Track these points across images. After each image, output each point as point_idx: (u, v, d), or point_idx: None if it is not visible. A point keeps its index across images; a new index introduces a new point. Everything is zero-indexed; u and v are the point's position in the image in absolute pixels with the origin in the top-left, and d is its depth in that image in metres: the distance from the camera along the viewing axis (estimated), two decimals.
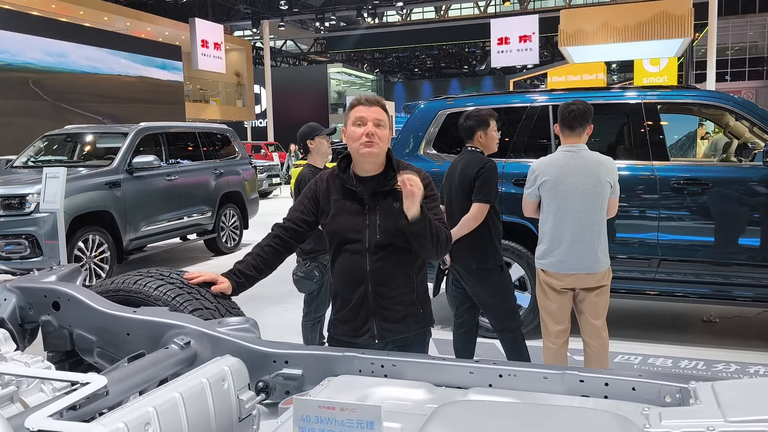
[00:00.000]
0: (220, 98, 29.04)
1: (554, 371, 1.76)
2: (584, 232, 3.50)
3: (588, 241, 3.50)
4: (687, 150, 11.69)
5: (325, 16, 29.94)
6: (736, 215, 4.72)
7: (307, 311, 4.39)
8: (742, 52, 35.05)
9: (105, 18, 21.38)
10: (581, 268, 3.53)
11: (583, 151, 3.55)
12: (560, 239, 3.55)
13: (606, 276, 3.60)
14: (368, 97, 2.40)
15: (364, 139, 2.31)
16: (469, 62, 46.52)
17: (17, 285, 2.31)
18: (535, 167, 3.65)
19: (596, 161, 3.52)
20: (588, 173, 3.49)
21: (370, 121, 2.32)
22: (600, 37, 16.86)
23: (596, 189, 3.48)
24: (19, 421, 1.40)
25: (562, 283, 3.59)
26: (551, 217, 3.58)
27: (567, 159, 3.54)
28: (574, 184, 3.49)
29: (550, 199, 3.57)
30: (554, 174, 3.54)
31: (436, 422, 1.38)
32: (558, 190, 3.53)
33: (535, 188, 3.63)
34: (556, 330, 3.69)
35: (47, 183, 5.91)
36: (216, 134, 9.76)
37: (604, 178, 3.49)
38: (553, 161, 3.59)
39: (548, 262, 3.62)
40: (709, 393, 1.46)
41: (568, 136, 3.58)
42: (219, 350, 1.98)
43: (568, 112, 3.55)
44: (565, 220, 3.52)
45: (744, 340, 5.08)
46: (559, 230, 3.54)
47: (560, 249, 3.55)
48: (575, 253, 3.51)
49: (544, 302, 3.72)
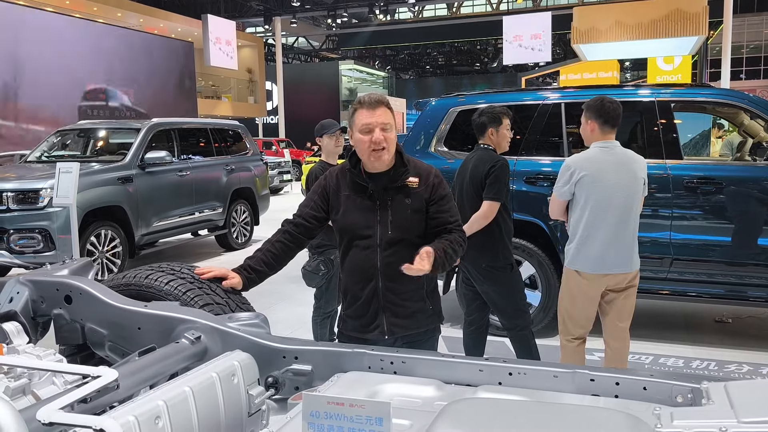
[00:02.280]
0: (231, 95, 29.11)
1: (564, 370, 1.75)
2: (620, 229, 3.41)
3: (625, 239, 3.43)
4: (701, 149, 11.59)
5: (336, 13, 29.92)
6: (750, 215, 4.67)
7: (317, 306, 4.40)
8: (758, 51, 34.66)
9: (118, 14, 21.50)
10: (618, 267, 3.44)
11: (618, 147, 3.48)
12: (596, 237, 3.43)
13: (636, 276, 3.54)
14: (371, 99, 2.34)
15: (372, 147, 2.31)
16: (481, 59, 46.37)
17: (30, 278, 2.32)
18: (570, 163, 3.50)
19: (631, 158, 3.46)
20: (625, 169, 3.42)
21: (377, 127, 2.30)
22: (613, 34, 16.75)
23: (634, 185, 3.42)
24: (31, 414, 1.40)
25: (596, 284, 3.47)
26: (587, 213, 3.44)
27: (604, 155, 3.44)
28: (613, 180, 3.40)
29: (587, 195, 3.43)
30: (593, 169, 3.42)
31: (445, 419, 1.37)
32: (597, 185, 3.41)
33: (571, 185, 3.47)
34: (577, 333, 3.62)
35: (60, 178, 5.95)
36: (227, 130, 9.79)
37: (639, 175, 3.44)
38: (590, 157, 3.47)
39: (582, 263, 3.47)
40: (721, 393, 1.45)
41: (607, 133, 3.47)
42: (229, 345, 1.99)
43: (612, 109, 3.44)
44: (603, 216, 3.40)
45: (757, 341, 5.04)
46: (595, 227, 3.42)
47: (595, 247, 3.43)
48: (611, 251, 3.41)
49: (570, 308, 3.59)
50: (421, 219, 2.39)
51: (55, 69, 15.38)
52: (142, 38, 19.73)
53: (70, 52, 15.99)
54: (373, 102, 2.33)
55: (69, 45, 16.02)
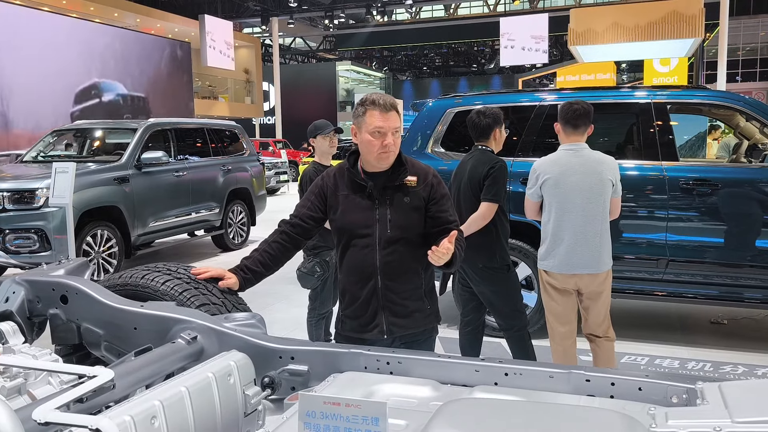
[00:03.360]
0: (228, 95, 29.09)
1: (560, 370, 1.76)
2: (586, 231, 3.47)
3: (590, 241, 3.47)
4: (696, 150, 11.62)
5: (334, 14, 29.90)
6: (746, 216, 4.68)
7: (311, 307, 4.39)
8: (754, 53, 34.76)
9: (115, 14, 21.46)
10: (583, 268, 3.50)
11: (585, 149, 3.53)
12: (561, 238, 3.52)
13: (608, 277, 3.58)
14: (385, 102, 2.34)
15: (383, 150, 2.32)
16: (478, 61, 46.41)
17: (26, 278, 2.32)
18: (536, 167, 3.62)
19: (598, 160, 3.51)
20: (590, 171, 3.47)
21: (390, 131, 2.32)
22: (610, 36, 16.77)
23: (598, 187, 3.46)
24: (27, 413, 1.40)
25: (564, 284, 3.57)
26: (553, 216, 3.55)
27: (569, 157, 3.52)
28: (575, 183, 3.47)
29: (551, 198, 3.54)
30: (556, 172, 3.51)
31: (441, 419, 1.37)
32: (560, 188, 3.50)
33: (537, 188, 3.60)
34: (562, 331, 3.67)
35: (56, 178, 5.94)
36: (224, 131, 9.78)
37: (606, 177, 3.47)
38: (555, 160, 3.56)
39: (550, 263, 3.59)
40: (716, 393, 1.45)
41: (570, 135, 3.56)
42: (225, 345, 1.99)
43: (573, 111, 3.53)
44: (567, 218, 3.49)
45: (752, 342, 5.05)
46: (561, 229, 3.52)
47: (561, 248, 3.52)
48: (577, 252, 3.48)
49: (548, 303, 3.70)
50: (420, 218, 2.40)
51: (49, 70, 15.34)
52: (138, 38, 19.70)
53: (63, 52, 15.94)
54: (387, 105, 2.34)
55: (63, 45, 15.99)
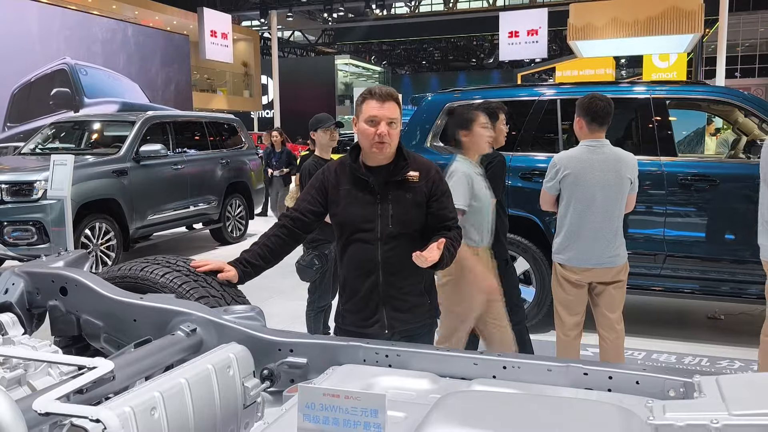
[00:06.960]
0: (227, 88, 29.01)
1: (558, 364, 1.77)
2: (603, 227, 3.47)
3: (607, 237, 3.48)
4: (695, 146, 11.63)
5: (333, 7, 29.83)
6: (743, 212, 4.69)
7: (310, 300, 4.40)
8: (753, 49, 34.73)
9: (113, 6, 21.37)
10: (599, 263, 3.51)
11: (606, 146, 3.51)
12: (579, 234, 3.51)
13: (623, 270, 3.59)
14: (381, 91, 2.35)
15: (376, 139, 2.31)
16: (477, 55, 46.30)
17: (25, 270, 2.32)
18: (557, 161, 3.59)
19: (618, 157, 3.49)
20: (609, 168, 3.46)
21: (383, 120, 2.30)
22: (609, 31, 16.74)
23: (617, 185, 3.46)
24: (27, 404, 1.41)
25: (579, 277, 3.57)
26: (570, 210, 3.53)
27: (590, 154, 3.49)
28: (595, 179, 3.45)
29: (570, 193, 3.52)
30: (576, 168, 3.49)
31: (439, 412, 1.38)
32: (579, 184, 3.48)
33: (555, 182, 3.57)
34: (571, 322, 3.67)
35: (55, 170, 5.93)
36: (223, 124, 9.77)
37: (624, 174, 3.47)
38: (576, 155, 3.53)
39: (566, 257, 3.58)
40: (713, 387, 1.46)
41: (595, 131, 3.51)
42: (225, 338, 2.00)
43: (600, 107, 3.47)
44: (585, 214, 3.48)
45: (749, 337, 5.06)
46: (578, 225, 3.51)
47: (578, 243, 3.52)
48: (594, 248, 3.49)
49: (559, 294, 3.69)
50: (422, 213, 2.40)
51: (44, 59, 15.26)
52: (136, 30, 19.62)
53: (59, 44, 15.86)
54: (384, 95, 2.33)
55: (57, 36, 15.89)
